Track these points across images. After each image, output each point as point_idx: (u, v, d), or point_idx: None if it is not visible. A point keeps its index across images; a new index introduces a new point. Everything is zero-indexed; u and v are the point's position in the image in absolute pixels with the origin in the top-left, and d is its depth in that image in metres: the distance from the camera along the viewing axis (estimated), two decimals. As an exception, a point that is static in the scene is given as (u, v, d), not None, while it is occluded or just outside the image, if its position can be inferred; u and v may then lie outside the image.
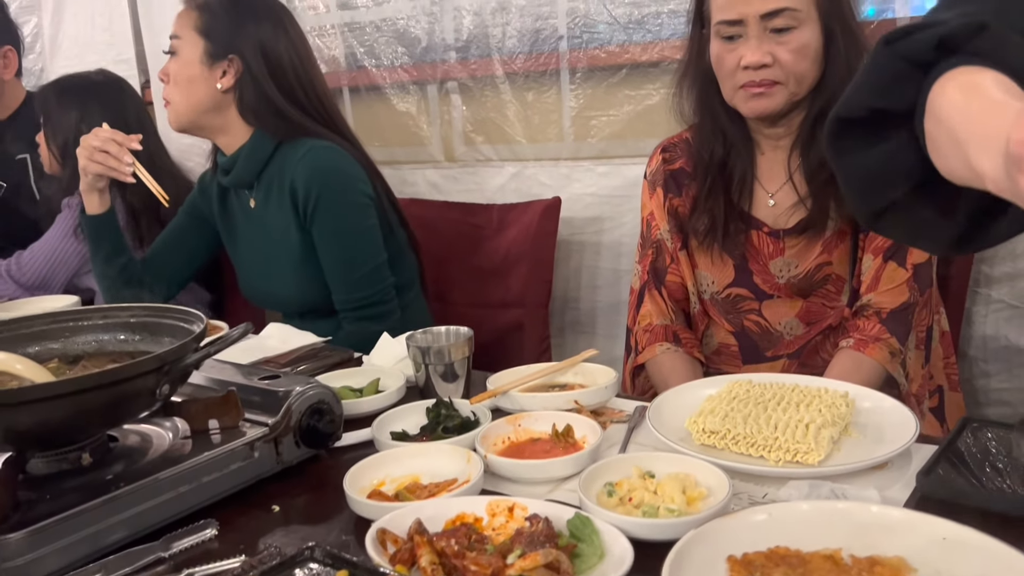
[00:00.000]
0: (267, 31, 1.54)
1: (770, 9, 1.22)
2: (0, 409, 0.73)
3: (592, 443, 0.90)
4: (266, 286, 1.68)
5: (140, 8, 2.71)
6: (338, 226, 1.53)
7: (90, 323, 0.99)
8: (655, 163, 1.47)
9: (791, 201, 1.33)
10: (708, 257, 1.38)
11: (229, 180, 1.62)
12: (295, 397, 0.93)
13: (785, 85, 1.25)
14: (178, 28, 1.55)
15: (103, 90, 1.99)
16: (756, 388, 1.00)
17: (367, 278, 1.55)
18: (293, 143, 1.55)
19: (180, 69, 1.53)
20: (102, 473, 0.82)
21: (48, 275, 1.94)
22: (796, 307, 1.36)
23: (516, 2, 1.98)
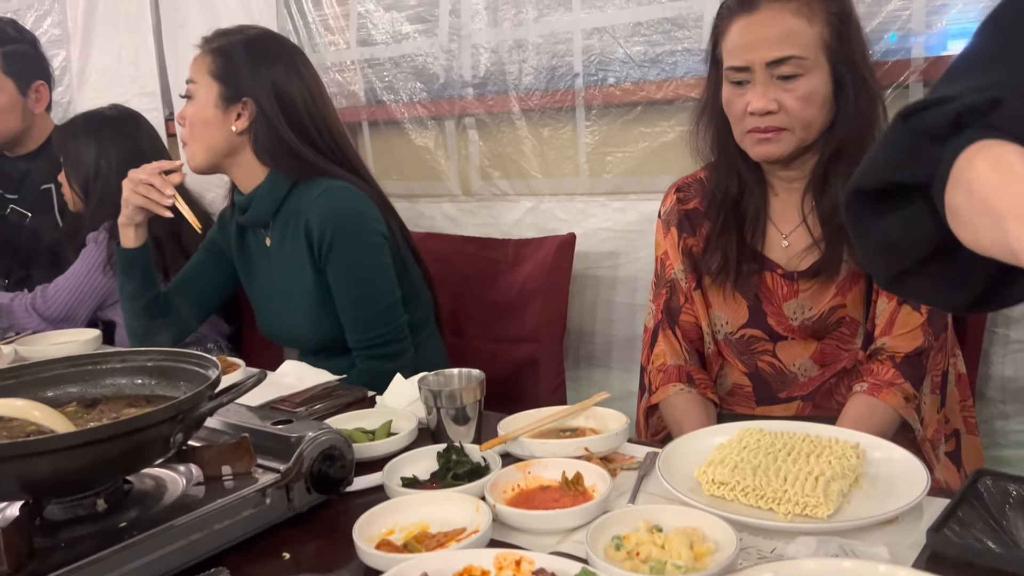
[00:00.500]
0: (280, 73, 1.57)
1: (776, 57, 1.23)
2: (18, 459, 0.75)
3: (602, 493, 0.91)
4: (282, 323, 1.70)
5: (165, 44, 2.77)
6: (352, 266, 1.55)
7: (108, 367, 1.01)
8: (669, 202, 1.48)
9: (805, 243, 1.33)
10: (722, 297, 1.39)
11: (246, 219, 1.65)
12: (307, 443, 0.94)
13: (792, 131, 1.26)
14: (193, 73, 1.58)
15: (118, 125, 2.03)
16: (767, 437, 0.99)
17: (380, 317, 1.57)
18: (308, 183, 1.58)
19: (196, 113, 1.56)
20: (116, 519, 0.84)
21: (73, 308, 1.96)
22: (810, 349, 1.35)
23: (533, 40, 2.01)
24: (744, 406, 1.41)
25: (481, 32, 2.08)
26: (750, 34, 1.25)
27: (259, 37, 1.61)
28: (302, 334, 1.67)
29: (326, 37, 2.36)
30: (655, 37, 1.82)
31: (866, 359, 1.29)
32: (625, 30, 1.86)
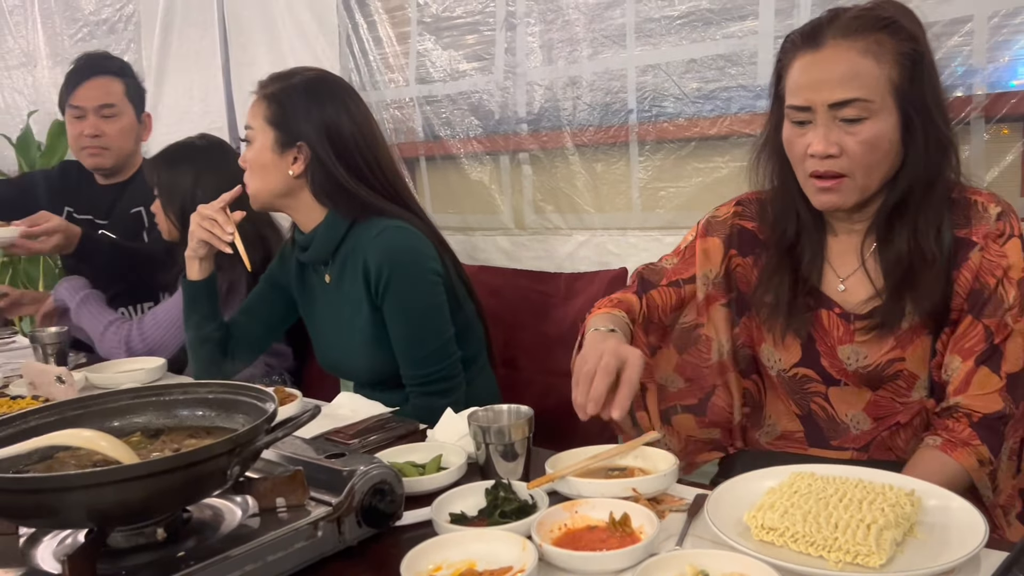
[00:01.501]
0: (331, 115, 1.60)
1: (839, 99, 1.16)
2: (85, 488, 0.78)
3: (649, 535, 0.90)
4: (339, 357, 1.74)
5: (233, 81, 2.88)
6: (407, 304, 1.58)
7: (171, 398, 1.05)
8: (726, 212, 1.41)
9: (863, 289, 1.27)
10: (773, 334, 1.34)
11: (306, 257, 1.69)
12: (358, 477, 0.96)
13: (852, 178, 1.19)
14: (251, 119, 1.63)
15: (210, 154, 2.06)
16: (819, 482, 0.98)
17: (434, 354, 1.60)
18: (366, 222, 1.62)
19: (255, 157, 1.61)
20: (175, 549, 0.87)
21: (167, 342, 2.00)
22: (864, 399, 1.29)
23: (587, 77, 2.03)
24: (796, 448, 1.37)
25: (536, 70, 2.12)
26: (814, 72, 1.19)
27: (310, 80, 1.64)
28: (359, 368, 1.71)
29: (386, 75, 2.42)
30: (709, 73, 1.82)
31: (939, 413, 1.22)
32: (679, 67, 1.87)
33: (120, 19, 3.36)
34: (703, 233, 1.41)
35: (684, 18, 1.84)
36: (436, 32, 2.32)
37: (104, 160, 2.34)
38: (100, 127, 2.30)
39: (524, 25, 2.12)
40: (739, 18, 1.77)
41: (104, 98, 2.30)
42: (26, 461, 0.93)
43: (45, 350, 1.93)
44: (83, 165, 2.39)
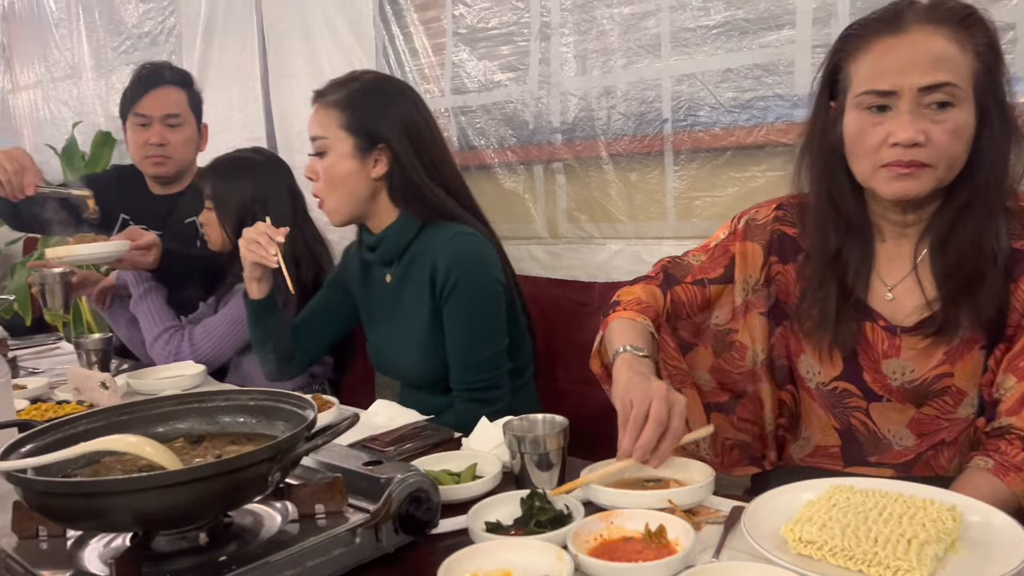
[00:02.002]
0: (406, 114, 1.61)
1: (931, 82, 1.09)
2: (131, 493, 0.80)
3: (685, 547, 0.90)
4: (391, 356, 1.76)
5: (272, 92, 2.93)
6: (468, 310, 1.60)
7: (213, 405, 1.07)
8: (766, 215, 1.35)
9: (913, 297, 1.21)
10: (818, 349, 1.28)
11: (374, 257, 1.71)
12: (396, 484, 0.97)
13: (934, 169, 1.12)
14: (321, 129, 1.61)
15: (267, 168, 2.10)
16: (858, 495, 0.97)
17: (486, 362, 1.62)
18: (437, 225, 1.64)
19: (333, 167, 1.60)
20: (217, 553, 0.88)
21: (216, 355, 2.03)
22: (907, 416, 1.24)
23: (621, 87, 2.04)
24: (831, 464, 1.33)
25: (570, 79, 2.13)
26: (899, 56, 1.12)
27: (376, 81, 1.66)
28: (409, 368, 1.72)
29: (422, 85, 2.45)
30: (745, 83, 1.82)
31: (990, 434, 1.17)
32: (715, 76, 1.87)
33: (162, 31, 3.43)
34: (742, 236, 1.35)
35: (720, 28, 1.84)
36: (471, 43, 2.34)
37: (167, 169, 2.37)
38: (165, 136, 2.33)
39: (559, 35, 2.13)
40: (775, 27, 1.77)
41: (170, 107, 2.33)
42: (74, 465, 0.95)
43: (89, 356, 1.98)
44: (137, 173, 2.42)
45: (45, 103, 4.40)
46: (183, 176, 2.43)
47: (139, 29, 3.56)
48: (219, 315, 2.06)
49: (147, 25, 3.51)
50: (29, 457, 0.90)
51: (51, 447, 0.94)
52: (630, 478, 1.11)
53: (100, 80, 3.92)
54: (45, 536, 0.94)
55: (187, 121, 2.37)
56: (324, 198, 1.64)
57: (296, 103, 2.86)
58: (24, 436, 0.94)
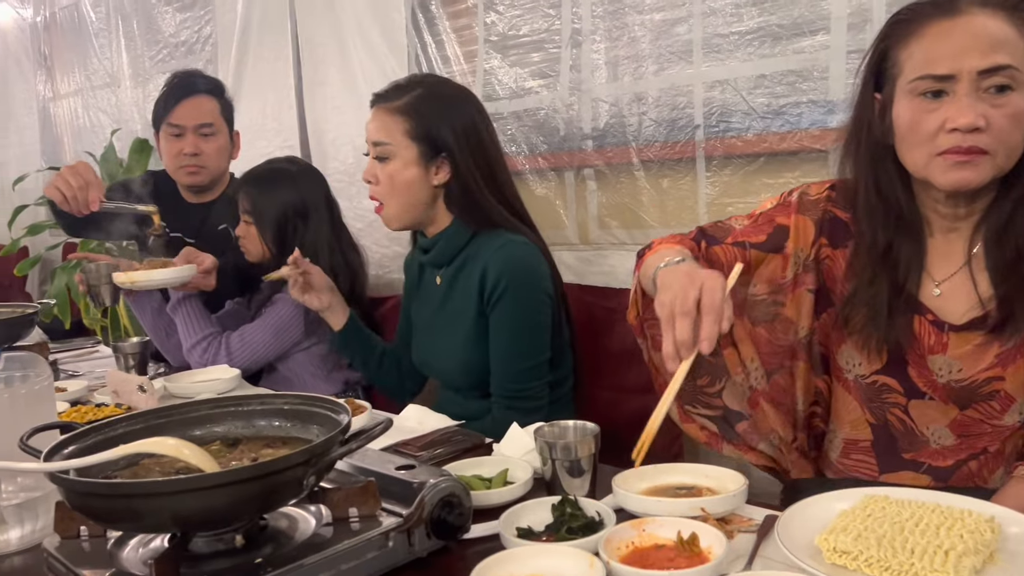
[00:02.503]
0: (468, 123, 1.63)
1: (991, 65, 1.06)
2: (169, 495, 0.82)
3: (718, 555, 0.90)
4: (434, 357, 1.78)
5: (305, 100, 2.96)
6: (514, 319, 1.61)
7: (249, 408, 1.08)
8: (818, 192, 1.30)
9: (964, 294, 1.17)
10: (861, 340, 1.23)
11: (427, 259, 1.74)
12: (428, 489, 0.98)
13: (993, 156, 1.08)
14: (385, 134, 1.61)
15: (303, 177, 2.11)
16: (893, 506, 0.96)
17: (527, 372, 1.62)
18: (489, 233, 1.65)
19: (397, 174, 1.61)
20: (253, 555, 0.90)
21: (252, 364, 2.05)
22: (949, 417, 1.20)
23: (652, 93, 2.03)
24: (864, 470, 1.29)
25: (601, 86, 2.13)
26: (955, 39, 1.08)
27: (438, 86, 1.68)
28: (451, 369, 1.74)
29: (453, 92, 2.46)
30: (779, 89, 1.80)
31: None
32: (748, 82, 1.86)
33: (198, 40, 3.49)
34: (796, 208, 1.30)
35: (753, 33, 1.83)
36: (502, 50, 2.35)
37: (201, 178, 2.38)
38: (199, 145, 2.33)
39: (590, 42, 2.13)
40: (810, 33, 1.75)
41: (202, 117, 2.33)
42: (113, 467, 0.97)
43: (127, 359, 2.01)
44: (170, 180, 2.43)
45: (85, 111, 4.50)
46: (216, 185, 2.45)
47: (176, 38, 3.63)
48: (257, 324, 2.08)
49: (184, 34, 3.57)
50: (71, 458, 0.92)
51: (92, 449, 0.96)
52: (662, 485, 1.11)
53: (138, 88, 4.00)
54: (86, 536, 0.96)
55: (220, 130, 2.38)
56: (384, 203, 1.66)
57: (329, 111, 2.89)
58: (66, 438, 0.96)
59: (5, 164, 5.25)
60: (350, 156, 2.84)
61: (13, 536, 1.08)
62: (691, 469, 1.15)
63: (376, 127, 1.63)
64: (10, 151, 5.25)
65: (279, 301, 2.05)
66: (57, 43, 4.67)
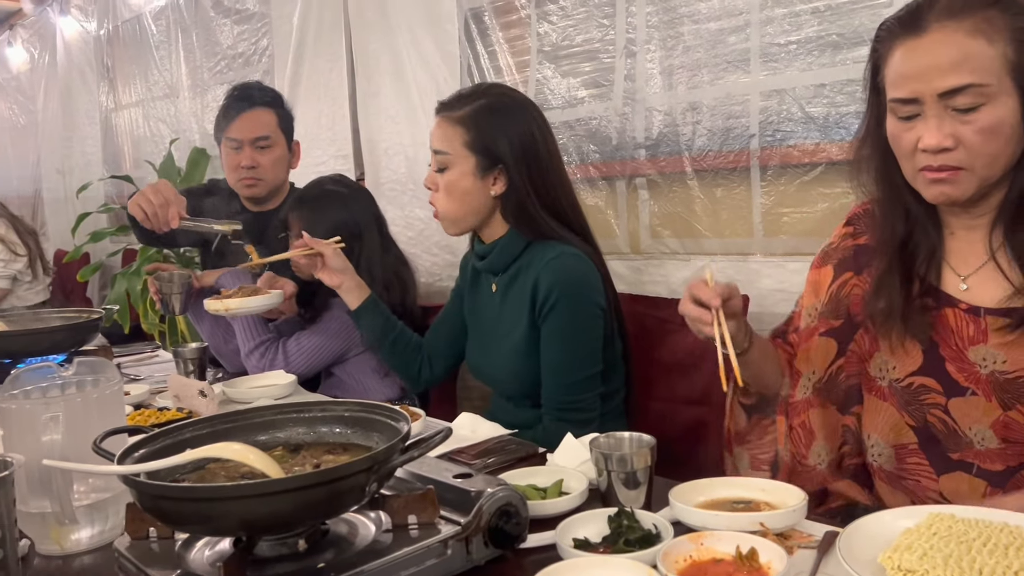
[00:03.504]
0: (526, 137, 1.64)
1: (950, 87, 1.06)
2: (238, 499, 0.84)
3: (778, 571, 0.89)
4: (486, 364, 1.80)
5: (359, 111, 3.01)
6: (566, 331, 1.61)
7: (310, 415, 1.10)
8: (838, 235, 1.34)
9: (994, 283, 1.15)
10: (888, 341, 1.23)
11: (483, 265, 1.76)
12: (486, 498, 0.98)
13: (971, 171, 1.10)
14: (445, 144, 1.65)
15: (354, 198, 2.18)
16: (959, 524, 0.94)
17: (579, 384, 1.63)
18: (542, 244, 1.67)
19: (455, 183, 1.65)
20: (315, 560, 0.91)
21: (308, 369, 2.09)
22: (992, 416, 1.15)
23: (707, 102, 2.02)
24: (923, 473, 1.24)
25: (656, 95, 2.12)
26: (918, 60, 1.09)
27: (500, 97, 1.69)
28: (503, 377, 1.75)
29: (505, 102, 2.48)
30: (838, 98, 1.78)
31: None
32: (806, 91, 1.84)
33: (255, 52, 3.57)
34: (817, 264, 1.36)
35: (812, 42, 1.81)
36: (555, 60, 2.36)
37: (259, 190, 2.43)
38: (256, 158, 2.37)
39: (644, 52, 2.13)
40: (869, 42, 1.72)
41: (259, 130, 2.37)
42: (182, 471, 1.00)
43: (187, 364, 2.06)
44: (231, 188, 2.49)
45: (144, 121, 4.63)
46: (276, 194, 2.49)
47: (233, 50, 3.72)
48: (313, 329, 2.12)
49: (241, 46, 3.66)
50: (142, 462, 0.95)
51: (161, 452, 0.99)
52: (719, 499, 1.10)
53: (196, 99, 4.10)
54: (155, 537, 0.99)
55: (277, 142, 2.41)
56: (441, 209, 1.69)
57: (382, 121, 2.93)
58: (137, 441, 0.99)
59: (69, 172, 5.43)
60: (402, 166, 2.88)
61: (84, 536, 1.12)
62: (747, 483, 1.14)
63: (438, 136, 1.67)
64: (74, 160, 5.43)
65: (335, 306, 2.08)
66: (119, 55, 4.82)
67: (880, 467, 1.31)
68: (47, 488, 1.07)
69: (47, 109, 5.73)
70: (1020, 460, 1.17)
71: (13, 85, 6.35)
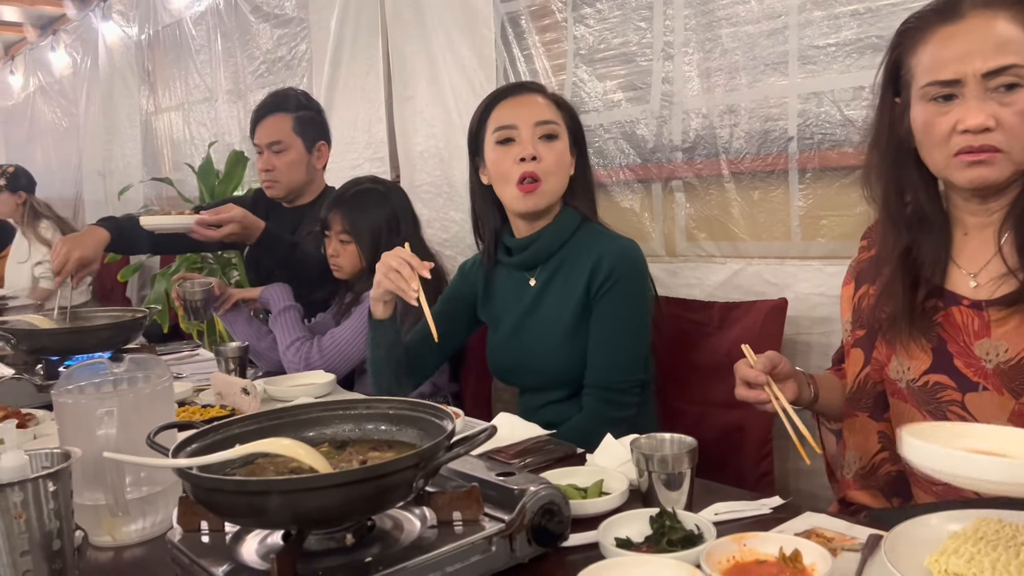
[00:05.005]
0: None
1: (994, 67, 1.10)
2: (290, 493, 0.86)
3: (822, 572, 0.89)
4: (520, 359, 1.79)
5: (395, 114, 3.04)
6: (626, 307, 1.66)
7: (356, 412, 1.12)
8: (859, 250, 1.39)
9: (998, 276, 1.19)
10: (898, 344, 1.27)
11: (518, 260, 1.78)
12: (529, 496, 1.00)
13: (1008, 153, 1.12)
14: (552, 115, 1.72)
15: (392, 196, 2.25)
16: (1007, 528, 0.93)
17: (629, 364, 1.66)
18: (592, 229, 1.74)
19: (563, 153, 1.72)
20: (362, 554, 0.93)
21: (341, 361, 2.14)
22: (1007, 408, 1.16)
23: (745, 105, 2.02)
24: None
25: (693, 98, 2.12)
26: (959, 44, 1.13)
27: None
28: (541, 367, 1.75)
29: (541, 105, 2.49)
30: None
31: None
32: (845, 94, 1.83)
33: (294, 57, 3.62)
34: (846, 280, 1.40)
35: (851, 45, 1.81)
36: (591, 63, 2.37)
37: (277, 191, 2.58)
38: (271, 162, 2.53)
39: (682, 55, 2.13)
40: (910, 43, 1.71)
41: (273, 136, 2.52)
42: (231, 466, 1.02)
43: (228, 363, 2.10)
44: None
45: (185, 124, 4.71)
46: (304, 193, 2.61)
47: (273, 54, 3.78)
48: (345, 325, 2.17)
49: (280, 51, 3.71)
50: (194, 456, 0.97)
51: (212, 447, 1.01)
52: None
53: (236, 102, 4.17)
54: (206, 530, 1.01)
55: (291, 145, 2.53)
56: (545, 180, 1.69)
57: (418, 124, 2.96)
58: (188, 437, 1.01)
59: (111, 175, 5.54)
60: (437, 169, 2.91)
61: (135, 528, 1.15)
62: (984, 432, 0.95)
63: (543, 109, 1.72)
64: (114, 163, 5.54)
65: (366, 300, 2.12)
66: (159, 59, 4.92)
67: (911, 471, 1.30)
68: (101, 481, 1.10)
69: (89, 112, 5.86)
70: None
71: (56, 89, 6.49)
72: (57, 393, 1.15)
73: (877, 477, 1.34)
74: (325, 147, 2.62)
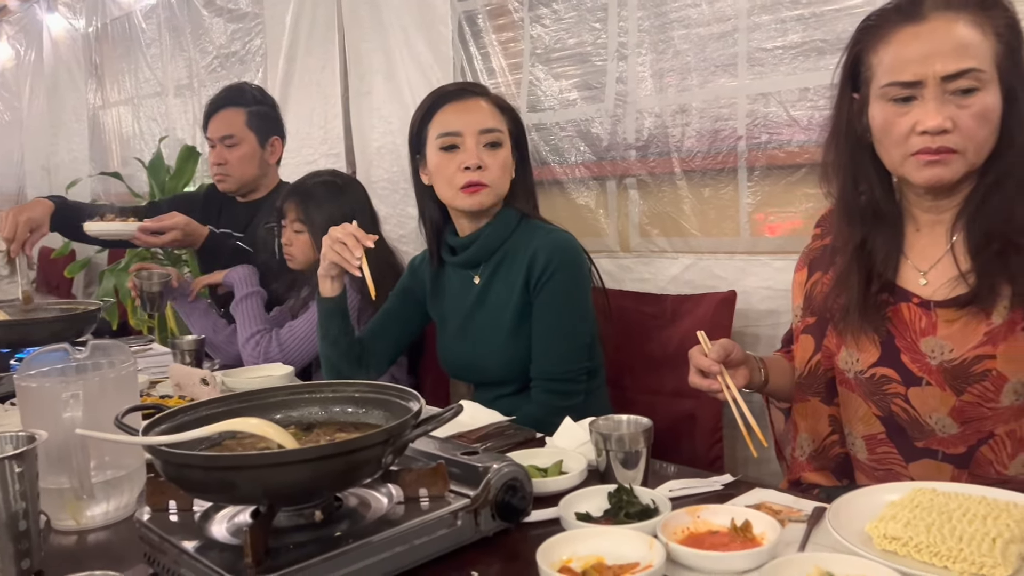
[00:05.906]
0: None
1: (954, 70, 1.13)
2: (263, 468, 0.88)
3: (771, 540, 0.94)
4: (468, 356, 1.82)
5: (351, 109, 3.05)
6: (565, 298, 1.69)
7: (322, 395, 1.15)
8: (812, 237, 1.44)
9: (948, 276, 1.22)
10: (848, 335, 1.30)
11: (461, 259, 1.80)
12: (493, 473, 1.03)
13: (963, 154, 1.16)
14: (496, 122, 1.74)
15: (351, 189, 2.26)
16: (940, 497, 1.00)
17: (572, 353, 1.69)
18: (531, 224, 1.76)
19: (507, 159, 1.74)
20: (331, 530, 0.95)
21: (300, 354, 2.15)
22: (948, 404, 1.21)
23: (696, 105, 2.09)
24: (892, 461, 1.30)
25: (646, 98, 2.18)
26: (921, 45, 1.15)
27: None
28: (488, 365, 1.78)
29: (498, 103, 2.53)
30: (822, 102, 1.85)
31: None
32: (791, 95, 1.91)
33: (248, 51, 3.60)
34: (799, 266, 1.43)
35: (797, 48, 1.88)
36: (547, 62, 2.42)
37: (228, 185, 2.58)
38: (223, 156, 2.53)
39: (635, 55, 2.19)
40: (852, 47, 1.79)
41: (225, 130, 2.53)
42: (199, 446, 1.04)
43: (183, 356, 2.09)
44: None
45: (134, 119, 4.63)
46: (257, 187, 2.62)
47: (227, 49, 3.75)
48: (303, 318, 2.18)
49: (234, 45, 3.69)
50: (164, 435, 0.98)
51: (180, 428, 1.02)
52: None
53: (188, 97, 4.12)
54: (174, 509, 1.03)
55: (244, 139, 2.54)
56: (493, 186, 1.72)
57: (375, 120, 2.97)
58: (157, 417, 1.03)
59: (56, 170, 5.41)
60: (394, 165, 2.92)
61: (99, 511, 1.15)
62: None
63: (487, 116, 1.74)
64: (60, 157, 5.41)
65: None
66: (108, 53, 4.82)
67: (855, 456, 1.37)
68: (66, 464, 1.10)
69: (32, 106, 5.71)
70: (978, 437, 1.23)
71: (-2, 81, 6.32)
72: (20, 378, 1.15)
73: (828, 458, 1.40)
74: (279, 142, 2.62)
